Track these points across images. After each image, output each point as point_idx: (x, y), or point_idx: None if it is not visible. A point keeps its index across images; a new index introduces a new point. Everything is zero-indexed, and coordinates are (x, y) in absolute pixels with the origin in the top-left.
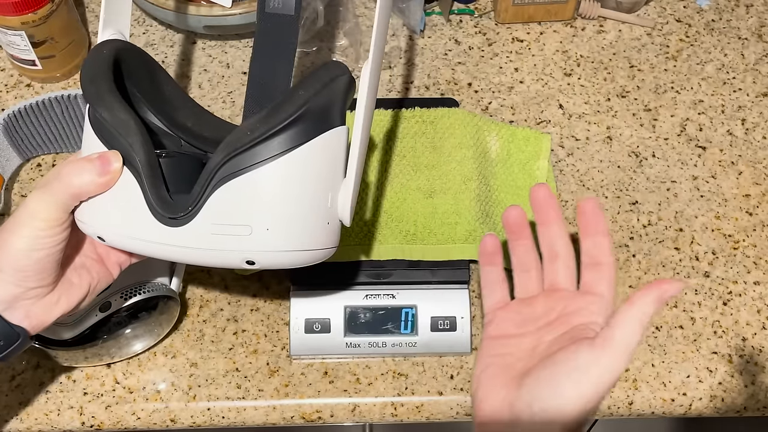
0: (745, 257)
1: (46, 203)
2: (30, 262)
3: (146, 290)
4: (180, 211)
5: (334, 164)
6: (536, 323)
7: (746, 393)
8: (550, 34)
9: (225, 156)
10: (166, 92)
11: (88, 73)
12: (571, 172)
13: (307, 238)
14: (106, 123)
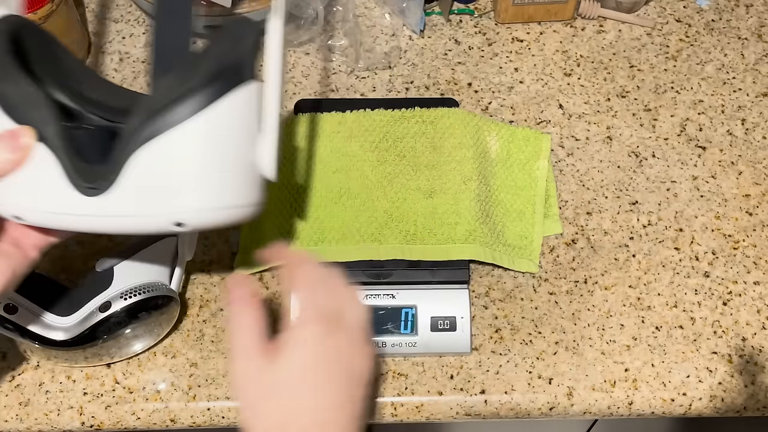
0: (745, 257)
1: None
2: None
3: (146, 290)
4: (100, 179)
5: (251, 119)
6: None
7: (746, 393)
8: (550, 34)
9: (142, 119)
10: (68, 66)
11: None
12: (571, 172)
13: (233, 194)
14: (12, 98)
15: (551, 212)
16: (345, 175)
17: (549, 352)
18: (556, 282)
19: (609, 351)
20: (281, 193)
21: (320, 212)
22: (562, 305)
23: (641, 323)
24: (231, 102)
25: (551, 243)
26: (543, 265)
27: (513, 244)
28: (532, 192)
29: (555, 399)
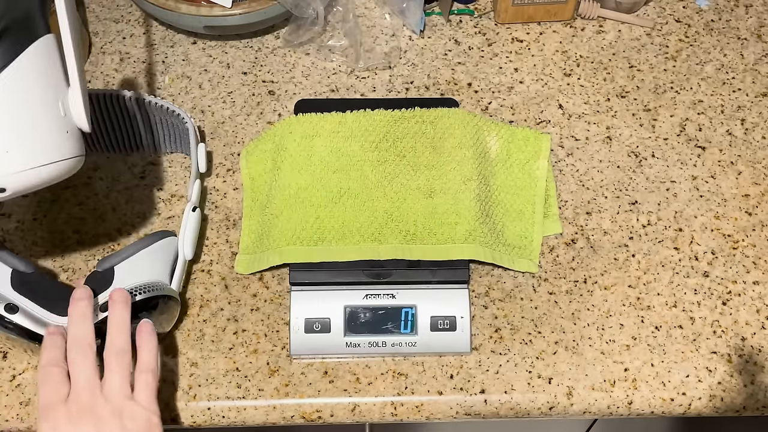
0: (744, 257)
1: None
2: None
3: (146, 290)
4: None
5: (53, 73)
6: None
7: (745, 392)
8: (549, 34)
9: None
10: None
11: None
12: (570, 172)
13: (50, 151)
14: None
15: (551, 212)
16: (345, 175)
17: (549, 351)
18: (555, 282)
19: (608, 351)
20: (281, 193)
21: (320, 212)
22: (561, 305)
23: (641, 323)
24: (28, 59)
25: (551, 243)
26: (543, 265)
27: (513, 244)
28: (532, 192)
29: (555, 399)
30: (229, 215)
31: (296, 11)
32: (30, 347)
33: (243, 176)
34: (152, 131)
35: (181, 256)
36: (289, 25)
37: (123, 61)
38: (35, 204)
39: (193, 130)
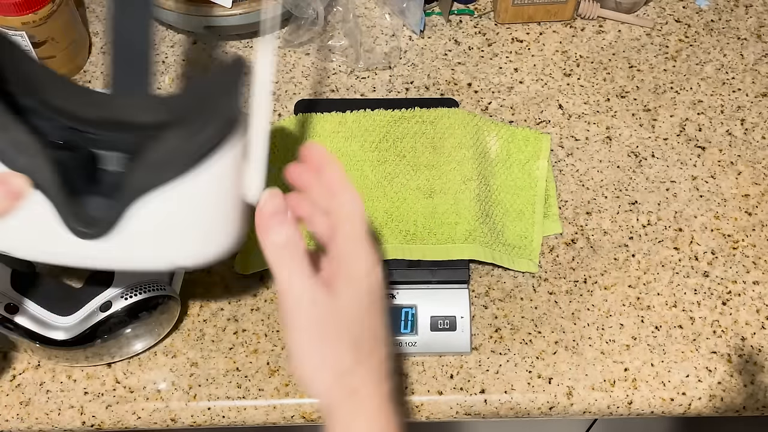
0: (744, 257)
1: None
2: None
3: (146, 290)
4: (97, 225)
5: (241, 158)
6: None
7: (745, 392)
8: (549, 34)
9: (141, 173)
10: (29, 70)
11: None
12: (570, 172)
13: (227, 235)
14: (4, 146)
15: (551, 212)
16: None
17: (549, 351)
18: (555, 282)
19: (608, 350)
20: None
21: None
22: (561, 305)
23: (641, 323)
24: (225, 153)
25: (551, 243)
26: (543, 265)
27: (513, 244)
28: (532, 192)
29: (555, 398)
30: None
31: (296, 11)
32: (30, 347)
33: None
34: None
35: None
36: (289, 25)
37: None
38: None
39: None
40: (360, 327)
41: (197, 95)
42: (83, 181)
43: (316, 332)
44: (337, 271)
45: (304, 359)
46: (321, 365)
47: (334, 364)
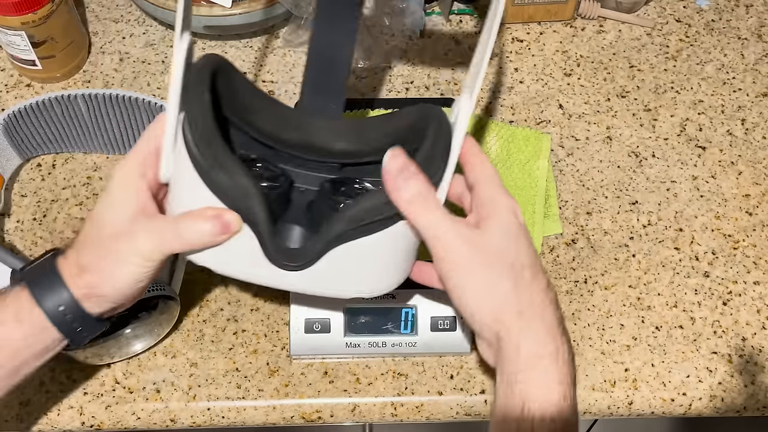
0: (744, 257)
1: (154, 247)
2: (132, 291)
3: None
4: (296, 262)
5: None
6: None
7: (746, 393)
8: (549, 34)
9: (343, 227)
10: (244, 97)
11: (202, 133)
12: (571, 172)
13: (404, 271)
14: (225, 187)
15: (551, 212)
16: None
17: None
18: (556, 282)
19: (609, 351)
20: None
21: None
22: (562, 305)
23: (641, 323)
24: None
25: (551, 243)
26: (543, 265)
27: None
28: (532, 192)
29: None
30: None
31: (296, 11)
32: None
33: None
34: None
35: (181, 256)
36: (289, 25)
37: (123, 61)
38: (35, 204)
39: None
40: (514, 255)
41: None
42: (281, 206)
43: (473, 265)
44: (482, 213)
45: (466, 293)
46: (483, 294)
47: (495, 290)
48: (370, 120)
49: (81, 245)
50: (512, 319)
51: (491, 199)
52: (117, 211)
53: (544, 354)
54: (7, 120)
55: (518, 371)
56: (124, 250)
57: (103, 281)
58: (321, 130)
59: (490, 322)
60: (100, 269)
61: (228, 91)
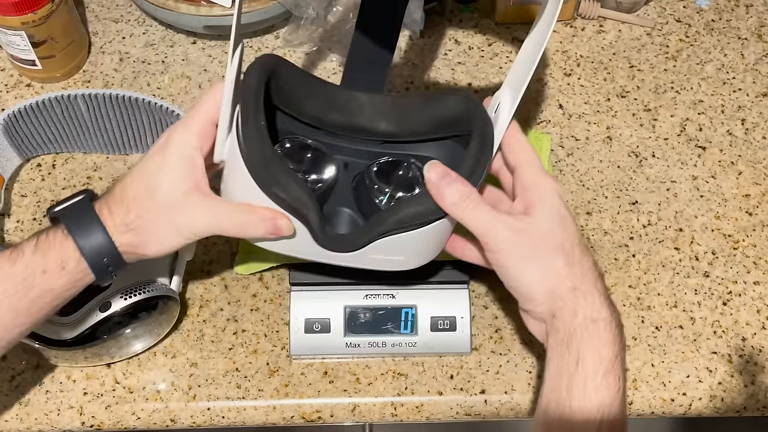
0: (744, 257)
1: (208, 225)
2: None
3: (146, 290)
4: (344, 249)
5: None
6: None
7: (746, 393)
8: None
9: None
10: (293, 87)
11: (258, 153)
12: (571, 172)
13: (439, 249)
14: (282, 198)
15: None
16: None
17: None
18: None
19: None
20: None
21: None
22: None
23: (641, 323)
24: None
25: None
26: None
27: None
28: None
29: None
30: None
31: (296, 11)
32: (30, 347)
33: None
34: (152, 131)
35: (181, 256)
36: (289, 25)
37: (123, 61)
38: (35, 204)
39: None
40: (563, 235)
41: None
42: (327, 190)
43: (524, 251)
44: (528, 199)
45: (523, 278)
46: (538, 276)
47: (548, 270)
48: (410, 100)
49: (130, 203)
50: (567, 292)
51: (535, 183)
52: (173, 181)
53: (599, 319)
54: (7, 120)
55: (574, 333)
56: (178, 224)
57: (148, 245)
58: (365, 109)
59: (547, 300)
60: (147, 234)
61: (277, 86)
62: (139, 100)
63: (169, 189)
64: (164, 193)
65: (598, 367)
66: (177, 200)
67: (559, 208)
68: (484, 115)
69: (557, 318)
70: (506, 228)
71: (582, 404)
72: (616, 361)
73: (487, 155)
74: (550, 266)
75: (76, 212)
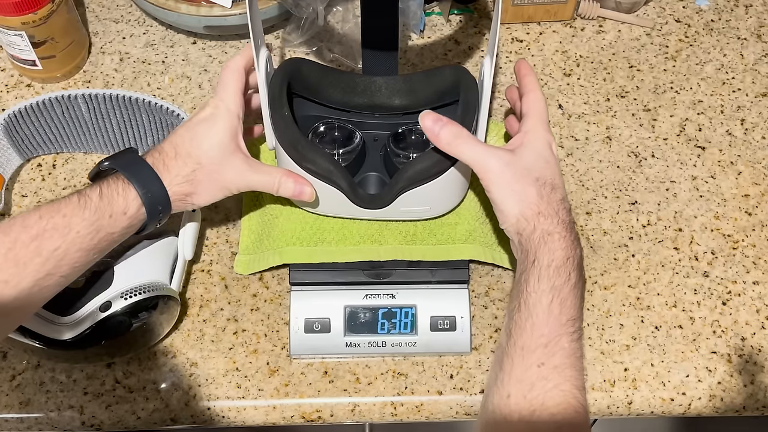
0: (744, 257)
1: (249, 183)
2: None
3: (146, 290)
4: (374, 205)
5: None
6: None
7: (745, 392)
8: (549, 34)
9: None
10: (317, 81)
11: (287, 137)
12: (570, 172)
13: (460, 196)
14: (313, 170)
15: None
16: None
17: None
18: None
19: (608, 350)
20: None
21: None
22: None
23: (641, 323)
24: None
25: None
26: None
27: None
28: None
29: None
30: (229, 215)
31: (296, 11)
32: (30, 347)
33: None
34: (152, 131)
35: (181, 256)
36: (289, 25)
37: (123, 61)
38: (35, 204)
39: None
40: (539, 171)
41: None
42: (360, 158)
43: (506, 179)
44: (523, 140)
45: (503, 202)
46: (513, 201)
47: (522, 197)
48: (417, 76)
49: (186, 159)
50: (533, 216)
51: (533, 130)
52: (221, 143)
53: (554, 231)
54: (7, 120)
55: (532, 243)
56: (225, 178)
57: (199, 195)
58: (382, 90)
59: (517, 221)
60: (201, 185)
61: (305, 81)
62: (139, 100)
63: (219, 150)
64: (216, 153)
65: (549, 263)
66: (226, 159)
67: (543, 151)
68: (469, 77)
69: (522, 236)
70: (495, 159)
71: (536, 288)
72: (567, 262)
73: (473, 106)
74: (524, 194)
75: (135, 166)
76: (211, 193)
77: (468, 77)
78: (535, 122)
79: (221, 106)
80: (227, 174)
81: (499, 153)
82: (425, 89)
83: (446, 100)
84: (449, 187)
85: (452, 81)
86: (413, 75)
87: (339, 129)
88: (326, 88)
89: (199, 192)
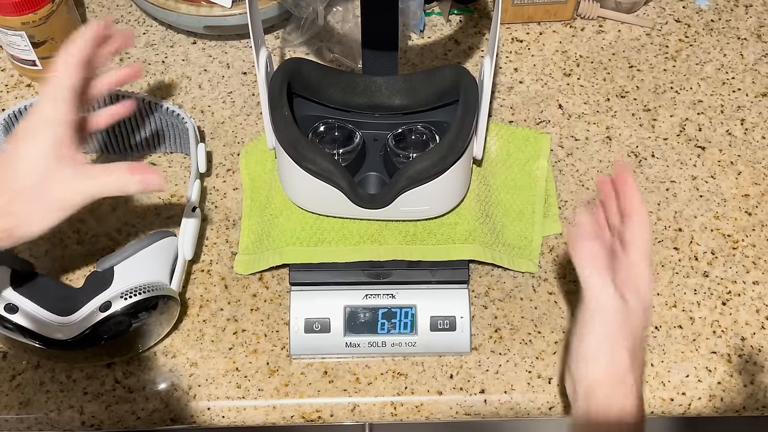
0: (744, 257)
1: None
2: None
3: (146, 290)
4: (375, 205)
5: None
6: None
7: (745, 392)
8: (549, 34)
9: (406, 181)
10: (318, 82)
11: (287, 137)
12: (570, 172)
13: (460, 196)
14: (313, 170)
15: (551, 212)
16: None
17: (548, 351)
18: (555, 282)
19: None
20: (281, 194)
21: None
22: (561, 305)
23: None
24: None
25: (551, 243)
26: (543, 265)
27: (512, 244)
28: (532, 192)
29: (554, 399)
30: (228, 215)
31: (296, 11)
32: (30, 347)
33: (242, 176)
34: (152, 131)
35: (181, 256)
36: (289, 25)
37: (123, 61)
38: None
39: (193, 130)
40: (638, 336)
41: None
42: (361, 158)
43: (610, 335)
44: (627, 282)
45: (589, 358)
46: (606, 364)
47: (616, 365)
48: (417, 76)
49: (1, 189)
50: (615, 384)
51: (638, 273)
52: (34, 159)
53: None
54: (7, 120)
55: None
56: (51, 199)
57: (25, 227)
58: (382, 90)
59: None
60: (23, 216)
61: (305, 82)
62: (139, 100)
63: (39, 168)
64: (36, 172)
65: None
66: (49, 175)
67: (645, 310)
68: (469, 77)
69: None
70: (614, 307)
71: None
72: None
73: (473, 106)
74: (620, 361)
75: None
76: (42, 220)
77: (468, 77)
78: (640, 261)
79: (35, 118)
80: (55, 191)
81: (617, 301)
82: (425, 89)
83: (446, 100)
84: (449, 187)
85: (452, 81)
86: (413, 75)
87: (339, 129)
88: (326, 88)
89: (24, 222)
